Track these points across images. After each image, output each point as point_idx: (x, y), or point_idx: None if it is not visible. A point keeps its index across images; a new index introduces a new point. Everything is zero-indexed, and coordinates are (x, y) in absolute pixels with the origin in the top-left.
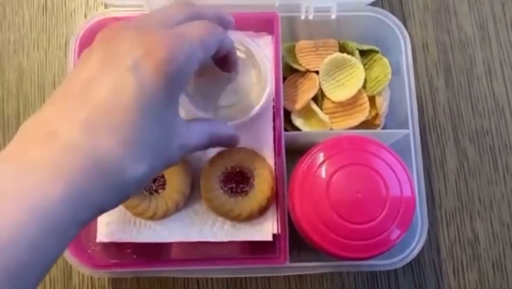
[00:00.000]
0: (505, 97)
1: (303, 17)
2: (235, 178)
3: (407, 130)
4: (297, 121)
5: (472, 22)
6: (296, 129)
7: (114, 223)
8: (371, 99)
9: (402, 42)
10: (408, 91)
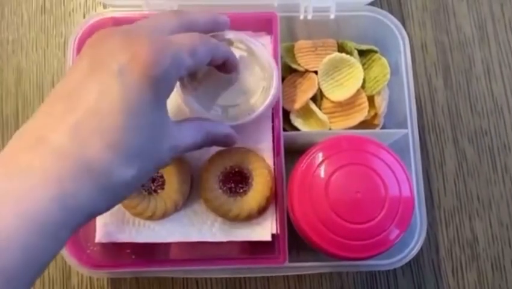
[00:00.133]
0: (504, 97)
1: (302, 17)
2: (234, 178)
3: (406, 130)
4: (296, 121)
5: (471, 22)
6: (295, 129)
7: (113, 223)
8: (370, 99)
9: (401, 42)
10: (407, 91)
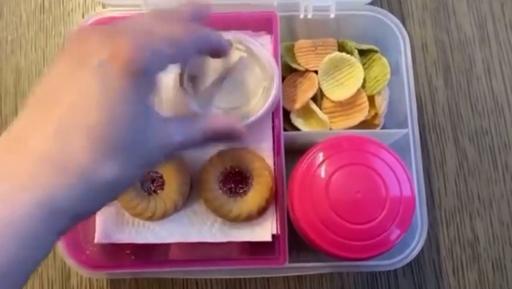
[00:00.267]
0: (504, 96)
1: (302, 16)
2: (234, 178)
3: (406, 130)
4: (296, 121)
5: (471, 21)
6: (295, 129)
7: (113, 224)
8: (370, 99)
9: (401, 41)
10: (407, 90)
